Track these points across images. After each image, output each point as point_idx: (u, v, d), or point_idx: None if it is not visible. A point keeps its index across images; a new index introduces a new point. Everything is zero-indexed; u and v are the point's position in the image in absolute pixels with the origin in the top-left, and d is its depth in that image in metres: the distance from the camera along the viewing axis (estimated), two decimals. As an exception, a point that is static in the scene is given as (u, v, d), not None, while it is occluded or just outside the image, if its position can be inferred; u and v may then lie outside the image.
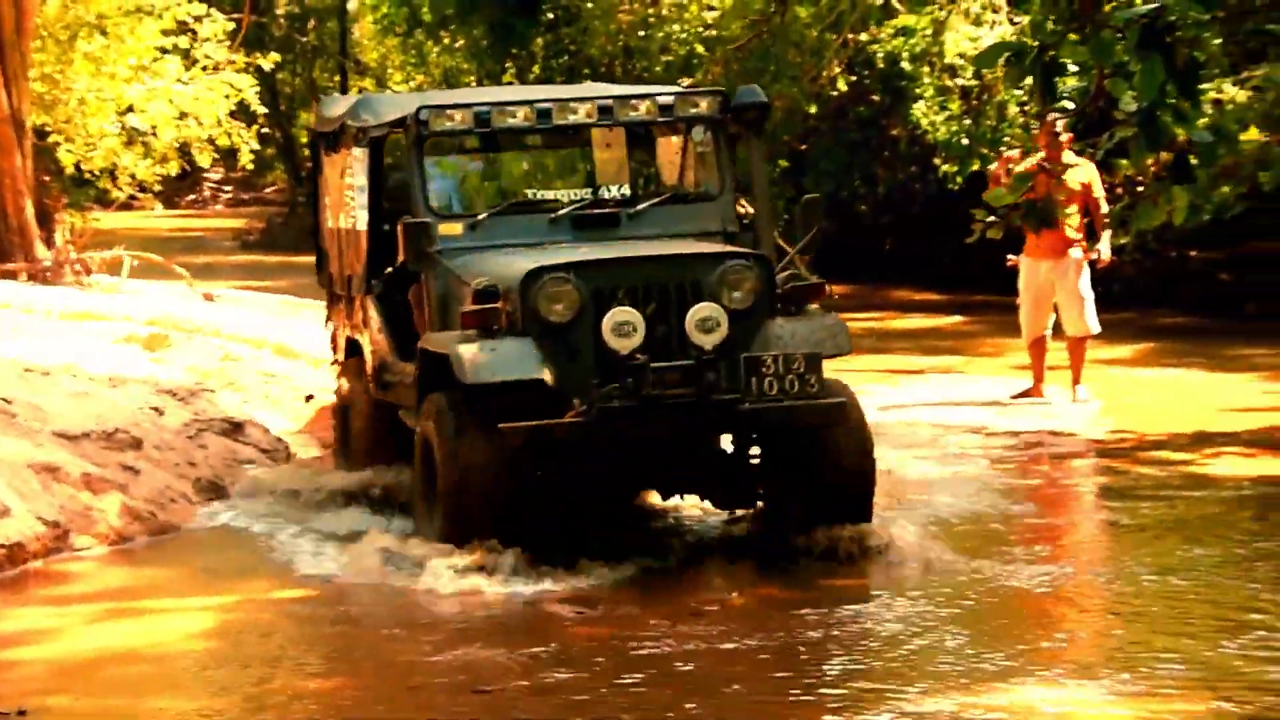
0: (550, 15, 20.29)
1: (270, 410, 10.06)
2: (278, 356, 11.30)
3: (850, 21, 15.37)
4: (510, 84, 19.22)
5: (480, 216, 7.25)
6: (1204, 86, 12.50)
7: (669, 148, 8.03)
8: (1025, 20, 10.75)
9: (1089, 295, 10.11)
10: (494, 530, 6.35)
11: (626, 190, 7.76)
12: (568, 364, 6.36)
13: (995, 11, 14.58)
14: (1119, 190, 11.28)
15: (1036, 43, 4.56)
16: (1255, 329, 13.38)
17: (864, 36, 16.20)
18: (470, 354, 6.24)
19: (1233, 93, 14.40)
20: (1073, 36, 4.55)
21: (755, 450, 6.89)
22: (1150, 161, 5.13)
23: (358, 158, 7.62)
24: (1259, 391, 10.81)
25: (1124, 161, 5.06)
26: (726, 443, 7.02)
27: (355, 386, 8.03)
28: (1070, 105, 7.05)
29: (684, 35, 17.53)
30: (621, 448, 6.45)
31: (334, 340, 8.71)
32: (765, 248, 7.18)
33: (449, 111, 7.15)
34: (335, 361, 8.74)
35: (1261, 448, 9.08)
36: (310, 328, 11.02)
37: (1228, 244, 14.38)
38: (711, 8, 17.42)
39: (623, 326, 6.33)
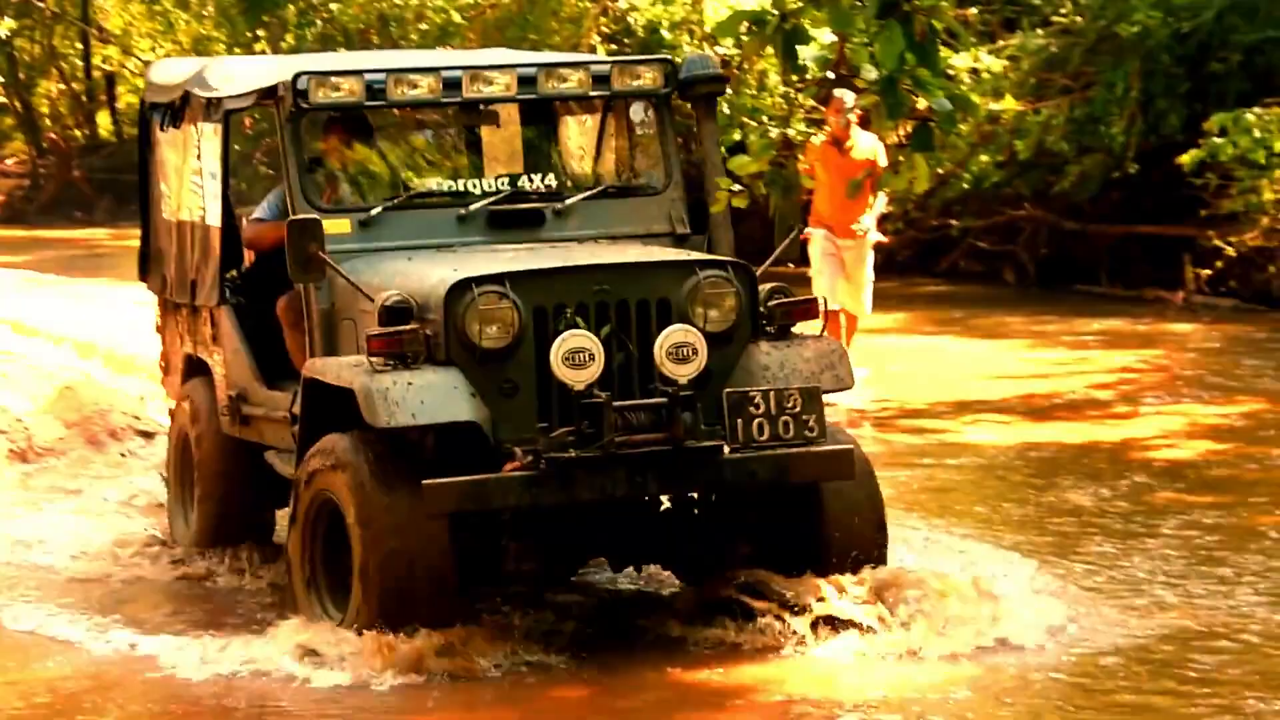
0: (303, -20, 19.90)
1: (9, 391, 9.25)
2: (17, 335, 10.69)
3: (609, -13, 15.44)
4: (264, 54, 18.57)
5: (374, 211, 5.99)
6: (957, 56, 12.84)
7: (603, 128, 6.69)
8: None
9: (871, 279, 10.29)
10: (442, 612, 5.19)
11: (552, 181, 6.50)
12: (504, 401, 5.25)
13: (754, -22, 14.49)
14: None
15: (777, 11, 4.50)
16: (1013, 296, 13.81)
17: (623, 4, 16.30)
18: (381, 389, 5.07)
19: (988, 62, 14.75)
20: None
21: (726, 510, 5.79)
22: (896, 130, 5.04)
23: (207, 135, 6.41)
24: (1016, 359, 11.25)
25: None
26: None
27: (200, 415, 6.66)
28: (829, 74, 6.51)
29: (440, 3, 17.42)
30: (574, 509, 5.35)
31: (165, 357, 7.33)
32: (726, 252, 6.05)
33: (334, 80, 5.95)
34: (165, 380, 7.43)
35: (1018, 414, 9.40)
36: (50, 303, 10.99)
37: (987, 213, 14.73)
38: (469, -27, 17.29)
39: (576, 355, 5.19)
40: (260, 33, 20.24)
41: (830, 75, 4.98)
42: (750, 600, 5.41)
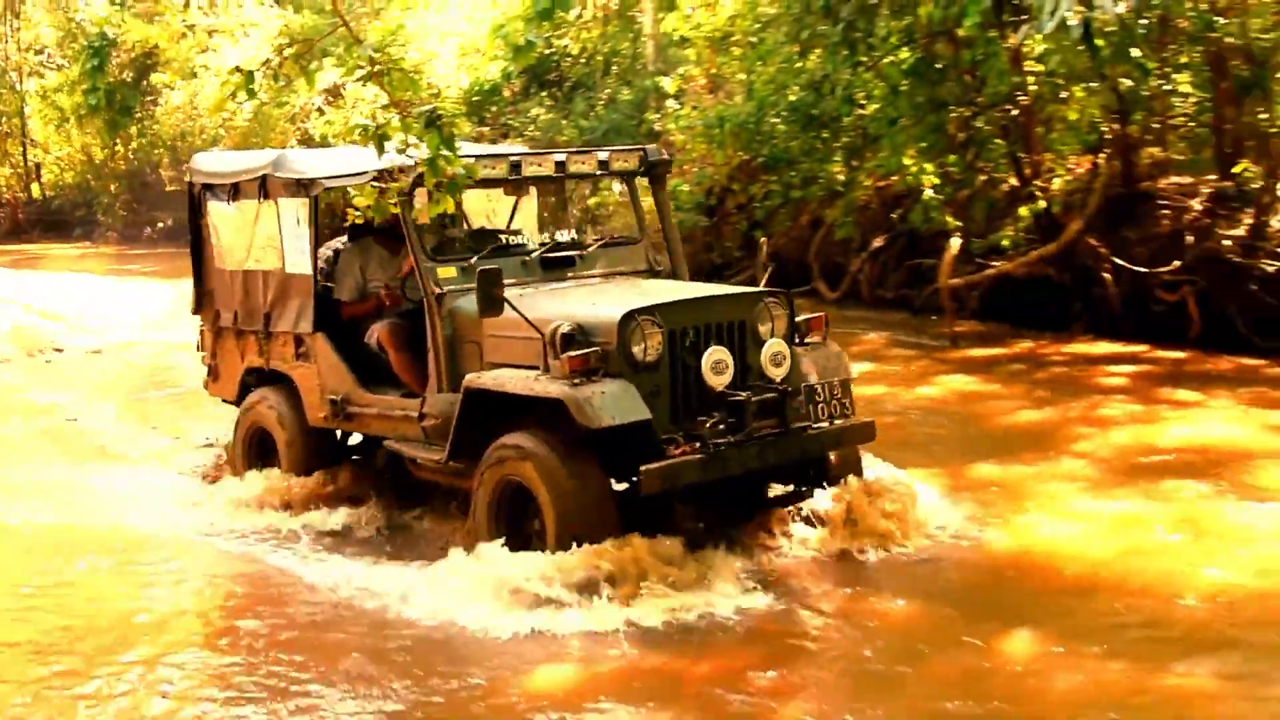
0: None
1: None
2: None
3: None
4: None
5: (472, 260, 7.44)
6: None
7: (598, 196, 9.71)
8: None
9: None
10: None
11: (572, 234, 8.47)
12: (652, 401, 6.60)
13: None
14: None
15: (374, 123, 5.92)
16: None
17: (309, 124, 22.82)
18: (586, 398, 6.38)
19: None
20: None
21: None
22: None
23: (290, 207, 8.03)
24: None
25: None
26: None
27: (283, 413, 8.35)
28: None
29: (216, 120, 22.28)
30: (724, 480, 6.80)
31: (215, 370, 9.11)
32: (685, 276, 8.30)
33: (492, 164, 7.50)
34: (212, 385, 9.23)
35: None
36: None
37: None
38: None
39: (718, 364, 6.80)
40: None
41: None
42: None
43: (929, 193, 14.35)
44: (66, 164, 38.14)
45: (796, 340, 7.31)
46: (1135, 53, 12.36)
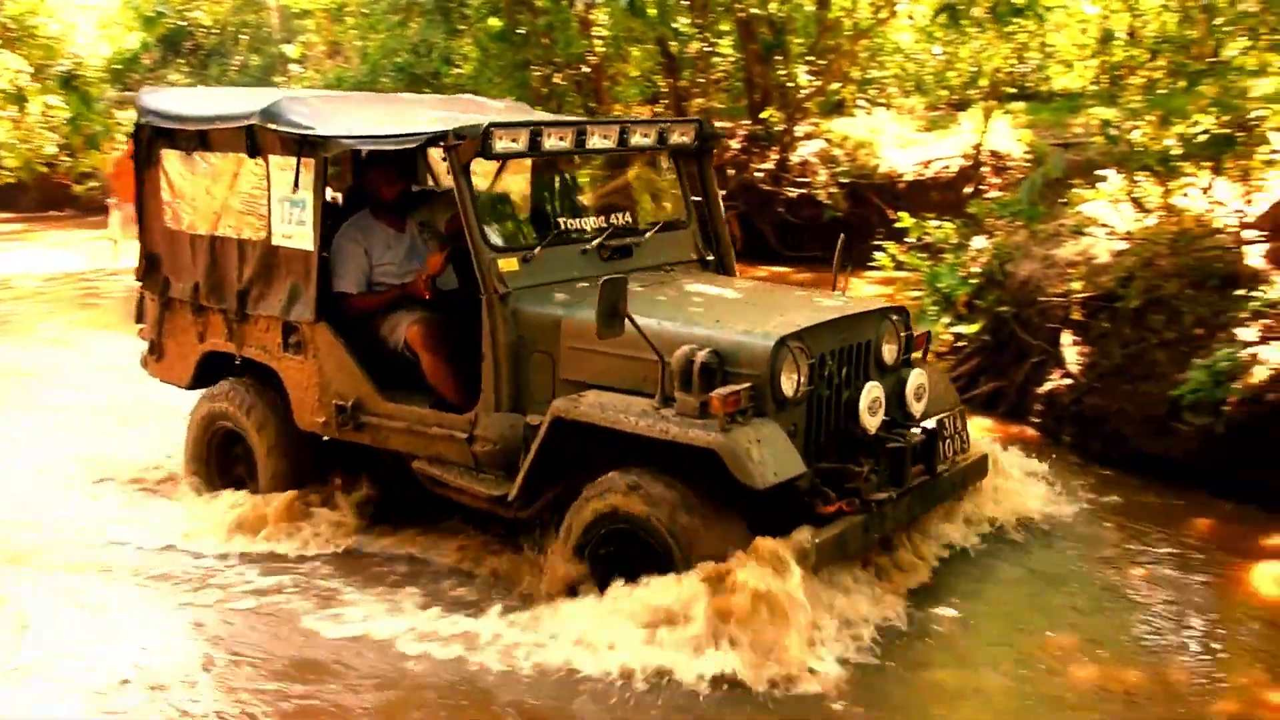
0: None
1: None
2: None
3: None
4: None
5: (536, 250, 6.29)
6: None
7: (653, 174, 7.83)
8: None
9: None
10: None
11: (629, 218, 7.03)
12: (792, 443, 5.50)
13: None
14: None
15: None
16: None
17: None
18: (745, 451, 5.20)
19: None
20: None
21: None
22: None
23: (292, 169, 6.56)
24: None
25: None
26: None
27: (261, 413, 6.99)
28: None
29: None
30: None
31: (158, 347, 7.55)
32: (733, 274, 7.15)
33: (511, 131, 6.11)
34: (155, 364, 7.66)
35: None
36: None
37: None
38: None
39: (874, 403, 5.82)
40: None
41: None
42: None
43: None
44: None
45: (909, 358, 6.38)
46: (680, 20, 15.20)
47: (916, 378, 6.20)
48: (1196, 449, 7.50)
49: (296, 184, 6.55)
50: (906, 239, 10.48)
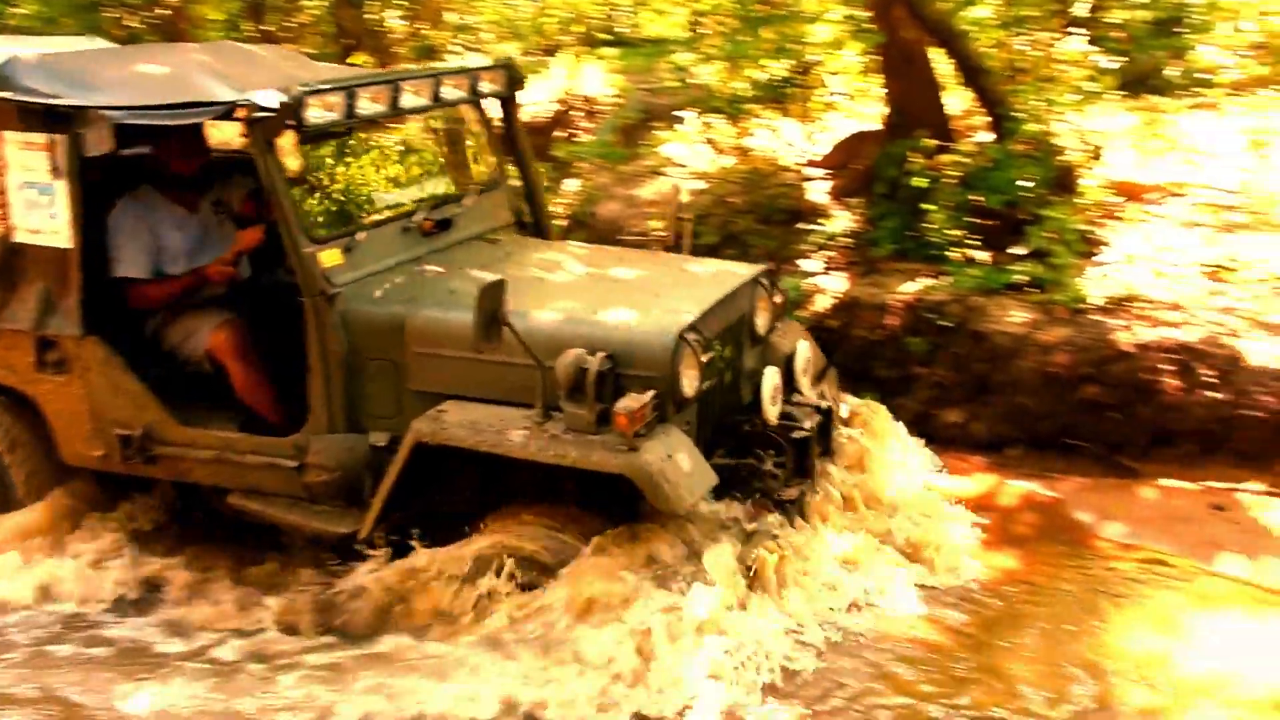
0: None
1: None
2: None
3: None
4: None
5: (359, 236, 5.31)
6: None
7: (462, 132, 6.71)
8: None
9: None
10: None
11: (445, 186, 6.26)
12: None
13: None
14: None
15: None
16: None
17: None
18: (659, 472, 4.50)
19: None
20: None
21: None
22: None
23: (36, 148, 5.31)
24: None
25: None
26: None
27: (18, 445, 5.79)
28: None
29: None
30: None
31: None
32: (551, 235, 6.31)
33: (327, 97, 5.05)
34: None
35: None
36: None
37: None
38: None
39: (775, 392, 5.22)
40: None
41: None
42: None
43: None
44: None
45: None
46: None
47: (804, 351, 5.74)
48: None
49: (50, 167, 5.35)
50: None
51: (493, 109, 6.37)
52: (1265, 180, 8.99)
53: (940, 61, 9.03)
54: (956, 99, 9.21)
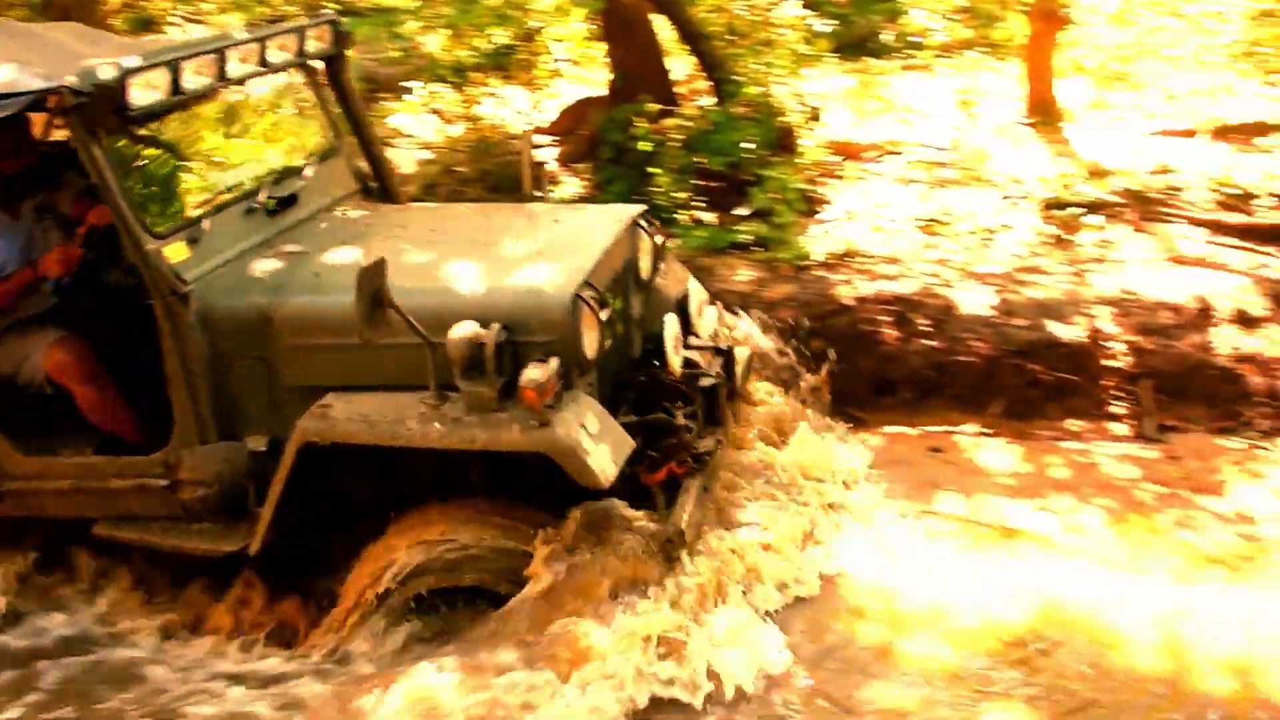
0: None
1: None
2: None
3: None
4: None
5: (204, 225, 4.83)
6: None
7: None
8: None
9: None
10: None
11: (290, 158, 5.74)
12: None
13: None
14: None
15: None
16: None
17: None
18: (579, 445, 4.18)
19: None
20: None
21: None
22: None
23: None
24: None
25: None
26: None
27: None
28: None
29: None
30: None
31: None
32: (399, 198, 5.92)
33: (151, 76, 4.51)
34: None
35: None
36: None
37: None
38: None
39: (677, 340, 5.02)
40: None
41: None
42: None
43: None
44: None
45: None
46: None
47: (698, 293, 5.53)
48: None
49: None
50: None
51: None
52: (974, 138, 9.43)
53: (663, 27, 9.14)
54: (679, 63, 9.34)
